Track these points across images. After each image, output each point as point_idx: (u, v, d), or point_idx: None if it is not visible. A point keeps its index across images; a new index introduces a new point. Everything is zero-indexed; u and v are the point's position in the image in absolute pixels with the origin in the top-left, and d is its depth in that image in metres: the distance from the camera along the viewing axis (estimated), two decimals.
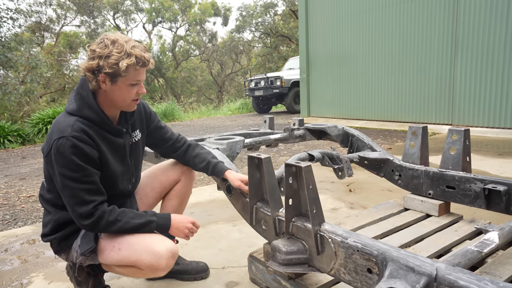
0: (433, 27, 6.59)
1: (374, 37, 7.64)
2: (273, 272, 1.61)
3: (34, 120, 8.73)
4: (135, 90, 1.45)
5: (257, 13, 22.99)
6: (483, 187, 1.79)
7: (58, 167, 1.35)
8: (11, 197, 3.67)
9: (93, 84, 1.41)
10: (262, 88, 10.75)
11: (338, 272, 1.24)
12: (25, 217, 3.03)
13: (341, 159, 2.07)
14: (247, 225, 2.45)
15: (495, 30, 5.77)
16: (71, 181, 1.35)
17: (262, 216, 1.54)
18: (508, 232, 1.46)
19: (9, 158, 6.40)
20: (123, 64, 1.34)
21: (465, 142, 1.97)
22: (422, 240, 1.78)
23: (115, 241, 1.46)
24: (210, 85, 27.42)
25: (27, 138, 8.41)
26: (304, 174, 1.27)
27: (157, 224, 1.47)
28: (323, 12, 8.73)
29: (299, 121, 2.74)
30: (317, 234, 1.29)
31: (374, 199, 2.93)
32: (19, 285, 1.88)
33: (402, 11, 7.04)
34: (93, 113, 1.43)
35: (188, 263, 1.87)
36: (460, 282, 0.95)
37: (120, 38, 1.39)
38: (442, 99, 6.63)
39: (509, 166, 3.74)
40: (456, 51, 6.31)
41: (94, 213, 1.37)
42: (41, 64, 12.73)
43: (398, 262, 1.06)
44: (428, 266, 1.02)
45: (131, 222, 1.42)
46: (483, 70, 5.99)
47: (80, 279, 1.62)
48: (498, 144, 5.02)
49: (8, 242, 2.47)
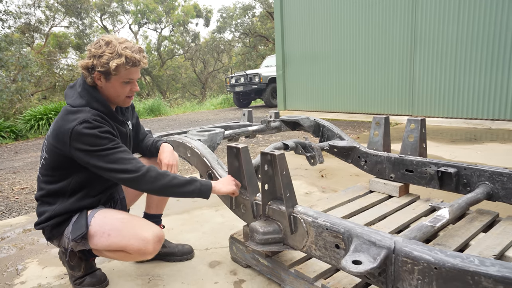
0: (395, 29, 6.69)
1: (343, 37, 7.70)
2: (252, 251, 1.63)
3: (26, 116, 8.44)
4: (128, 88, 1.47)
5: (236, 15, 22.75)
6: (437, 169, 1.85)
7: (88, 147, 1.34)
8: (5, 190, 3.55)
9: (88, 80, 1.44)
10: (242, 84, 10.69)
11: (310, 248, 1.27)
12: (19, 208, 2.94)
13: (313, 147, 2.09)
14: (228, 210, 2.46)
15: (448, 31, 5.91)
16: (106, 151, 1.35)
17: (241, 200, 1.55)
18: (457, 209, 1.52)
19: (2, 153, 6.18)
20: (113, 63, 1.35)
21: (422, 130, 2.03)
22: (384, 218, 1.83)
23: (105, 227, 1.44)
24: (194, 82, 27.09)
25: (20, 134, 8.12)
26: (278, 161, 1.29)
27: (201, 184, 1.45)
28: (297, 14, 8.73)
29: (275, 114, 2.74)
30: (291, 216, 1.31)
31: (343, 183, 2.98)
32: (14, 271, 1.83)
33: (368, 13, 7.11)
34: (102, 106, 1.45)
35: (174, 246, 1.86)
36: (415, 252, 0.98)
37: (114, 40, 1.40)
38: (403, 92, 6.77)
39: (460, 151, 3.87)
40: (415, 50, 6.44)
41: (141, 166, 1.38)
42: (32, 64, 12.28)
43: (362, 237, 1.09)
44: (388, 240, 1.05)
45: (177, 179, 1.41)
46: (439, 66, 6.14)
47: (73, 263, 1.60)
48: (451, 132, 5.18)
49: (3, 231, 2.40)
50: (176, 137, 2.13)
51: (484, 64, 5.60)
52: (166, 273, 1.71)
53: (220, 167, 1.76)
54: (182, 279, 1.65)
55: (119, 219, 1.46)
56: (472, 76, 5.76)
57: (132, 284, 1.63)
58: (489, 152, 3.76)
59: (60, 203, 1.47)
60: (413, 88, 6.58)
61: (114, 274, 1.72)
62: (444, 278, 0.92)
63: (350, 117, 7.54)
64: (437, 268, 0.93)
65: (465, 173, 1.79)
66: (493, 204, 2.17)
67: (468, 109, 5.89)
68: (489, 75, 5.55)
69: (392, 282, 1.04)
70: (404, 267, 1.00)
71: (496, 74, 5.48)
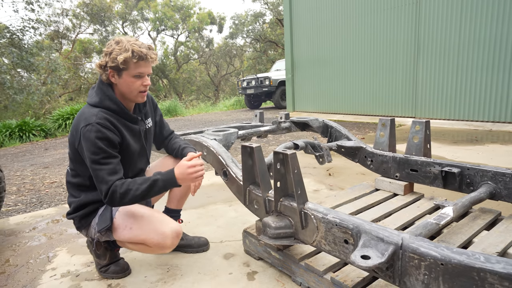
0: (399, 34, 6.59)
1: (349, 42, 7.62)
2: (264, 245, 1.62)
3: (55, 116, 8.59)
4: (139, 82, 1.45)
5: (248, 22, 22.71)
6: (441, 169, 1.81)
7: (86, 151, 1.37)
8: (37, 183, 3.62)
9: (103, 78, 1.45)
10: (253, 87, 10.68)
11: (320, 243, 1.26)
12: (49, 200, 3.00)
13: (321, 147, 2.08)
14: (241, 205, 2.47)
15: (450, 37, 5.80)
16: (94, 163, 1.36)
17: (254, 197, 1.55)
18: (460, 207, 1.49)
19: (34, 149, 6.30)
20: (121, 57, 1.36)
21: (426, 132, 2.00)
22: (390, 215, 1.81)
23: (127, 221, 1.46)
24: (208, 85, 27.18)
25: (49, 132, 8.28)
26: (290, 160, 1.28)
27: (163, 181, 1.39)
28: (305, 20, 8.67)
29: (285, 115, 2.73)
30: (302, 212, 1.30)
31: (350, 181, 2.95)
32: (46, 258, 1.87)
33: (373, 19, 7.03)
34: (113, 104, 1.45)
35: (191, 238, 1.87)
36: (422, 249, 0.97)
37: (124, 39, 1.41)
38: (406, 95, 6.67)
39: (462, 152, 3.80)
40: (418, 55, 6.33)
41: (109, 189, 1.35)
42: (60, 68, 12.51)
43: (370, 233, 1.08)
44: (395, 236, 1.03)
45: (140, 188, 1.36)
46: (441, 70, 6.02)
47: (99, 252, 1.62)
48: (453, 133, 5.09)
49: (35, 221, 2.44)
50: (193, 136, 2.14)
51: (485, 68, 5.47)
52: (184, 263, 1.72)
53: (234, 165, 1.76)
54: (198, 269, 1.65)
55: (141, 213, 1.47)
56: (473, 79, 5.64)
57: (152, 273, 1.65)
58: (490, 153, 3.68)
59: (84, 195, 1.50)
60: (416, 91, 6.48)
61: (136, 263, 1.74)
62: (450, 274, 0.90)
63: (356, 118, 7.47)
64: (444, 264, 0.91)
65: (468, 173, 1.75)
66: (495, 203, 2.12)
67: (469, 112, 5.77)
68: (490, 78, 5.43)
69: (399, 276, 1.03)
70: (411, 263, 0.99)
71: (497, 77, 5.35)
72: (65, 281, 1.62)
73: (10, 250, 2.00)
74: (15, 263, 1.83)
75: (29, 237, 2.17)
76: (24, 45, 10.92)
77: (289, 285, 1.47)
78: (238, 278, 1.55)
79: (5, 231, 2.30)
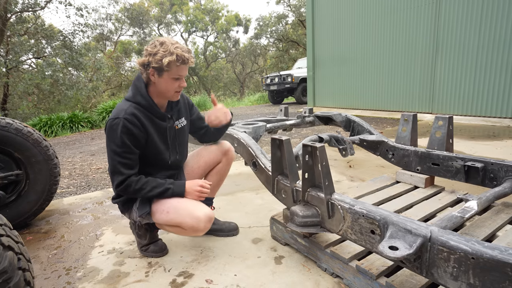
0: (418, 33, 6.28)
1: (369, 41, 7.35)
2: (291, 231, 1.59)
3: (99, 109, 8.88)
4: (177, 84, 1.45)
5: (271, 23, 22.41)
6: (463, 164, 1.70)
7: (108, 141, 1.39)
8: (85, 169, 3.76)
9: (144, 76, 1.44)
10: (276, 84, 10.57)
11: (346, 232, 1.21)
12: (96, 184, 3.10)
13: (345, 141, 2.01)
14: (267, 193, 2.44)
15: (470, 35, 5.46)
16: (115, 154, 1.38)
17: (282, 186, 1.52)
18: (485, 201, 1.39)
19: (82, 139, 6.55)
20: (166, 60, 1.35)
21: (449, 127, 1.88)
22: (411, 207, 1.72)
23: (164, 205, 1.46)
24: (234, 82, 27.21)
25: (95, 123, 8.58)
26: (319, 153, 1.23)
27: (173, 191, 1.46)
28: (326, 21, 8.43)
29: (309, 110, 2.67)
30: (329, 202, 1.26)
31: (370, 173, 2.85)
32: (94, 236, 1.93)
33: (393, 19, 6.72)
34: (144, 99, 1.44)
35: (222, 223, 1.86)
36: (451, 242, 0.90)
37: (167, 41, 1.40)
38: (424, 91, 6.37)
39: (479, 147, 3.58)
40: (437, 53, 6.01)
41: (124, 182, 1.39)
42: (104, 66, 12.91)
43: (398, 225, 1.02)
44: (424, 229, 0.97)
45: (153, 190, 1.43)
46: (458, 68, 5.69)
47: (140, 233, 1.65)
48: (470, 129, 4.81)
49: (85, 203, 2.53)
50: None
51: (504, 65, 5.11)
52: (216, 246, 1.72)
53: (263, 156, 1.73)
54: (229, 252, 1.65)
55: (177, 199, 1.47)
56: (492, 77, 5.29)
57: (187, 253, 1.66)
58: (509, 148, 3.45)
59: None
60: (433, 88, 6.17)
61: (172, 244, 1.76)
62: (482, 268, 0.84)
63: (374, 113, 7.23)
64: (474, 258, 0.85)
65: (492, 168, 1.64)
66: None
67: (487, 108, 5.44)
68: (509, 75, 5.07)
69: (426, 268, 0.97)
70: (440, 255, 0.92)
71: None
72: (111, 257, 1.67)
73: (65, 227, 2.08)
74: (69, 239, 1.90)
75: (80, 217, 2.25)
76: (74, 46, 11.32)
77: (315, 270, 1.44)
78: (266, 262, 1.53)
79: (60, 210, 2.40)
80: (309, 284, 1.34)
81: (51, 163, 2.07)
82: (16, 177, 1.98)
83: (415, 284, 1.13)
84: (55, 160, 2.11)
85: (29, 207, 2.03)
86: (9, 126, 1.91)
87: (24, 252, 0.87)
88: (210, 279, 1.42)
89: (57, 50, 11.16)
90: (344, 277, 1.32)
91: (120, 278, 1.48)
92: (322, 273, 1.41)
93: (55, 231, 2.03)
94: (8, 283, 0.72)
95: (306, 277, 1.39)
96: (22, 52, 10.64)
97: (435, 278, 0.95)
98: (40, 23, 11.81)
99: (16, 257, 0.80)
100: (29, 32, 11.13)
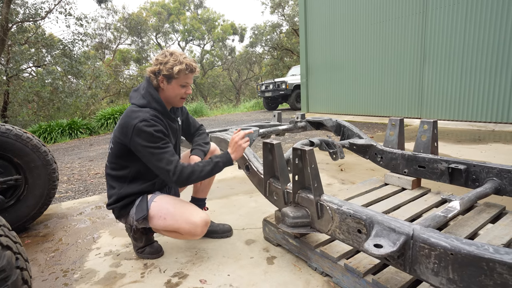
0: (406, 41, 6.39)
1: (360, 49, 7.45)
2: (282, 232, 1.61)
3: (98, 116, 8.85)
4: (183, 90, 1.52)
5: (266, 32, 22.60)
6: (448, 166, 1.74)
7: (144, 142, 1.37)
8: (83, 174, 3.74)
9: (154, 82, 1.49)
10: (270, 90, 10.63)
11: (334, 232, 1.23)
12: (93, 188, 3.09)
13: (335, 144, 2.04)
14: (261, 196, 2.46)
15: (455, 44, 5.56)
16: (155, 149, 1.38)
17: (274, 189, 1.54)
18: (467, 201, 1.43)
19: (80, 145, 6.53)
20: (176, 68, 1.42)
21: (434, 131, 1.92)
22: (399, 207, 1.75)
23: (162, 212, 1.47)
24: (230, 89, 27.31)
25: (93, 130, 8.54)
26: (308, 156, 1.26)
27: (223, 162, 1.48)
28: (318, 30, 8.54)
29: (301, 115, 2.70)
30: (318, 203, 1.28)
31: (360, 176, 2.89)
32: (91, 239, 1.92)
33: (383, 28, 6.84)
34: (160, 106, 1.49)
35: (216, 225, 1.88)
36: (432, 239, 0.93)
37: (176, 52, 1.49)
38: (413, 97, 6.46)
39: (465, 150, 3.64)
40: (424, 60, 6.12)
41: (177, 167, 1.39)
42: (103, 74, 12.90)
43: (383, 224, 1.05)
44: (406, 227, 1.00)
45: (204, 169, 1.44)
46: (446, 74, 5.79)
47: (136, 236, 1.65)
48: (457, 133, 4.89)
49: (83, 207, 2.52)
50: (218, 134, 2.14)
51: (488, 71, 5.22)
52: (210, 247, 1.73)
53: (256, 159, 1.75)
54: (223, 253, 1.66)
55: (173, 205, 1.48)
56: (477, 82, 5.39)
57: (182, 255, 1.66)
58: (493, 151, 3.51)
59: (124, 188, 1.50)
60: (421, 94, 6.26)
61: (168, 246, 1.76)
62: (460, 263, 0.86)
63: (365, 119, 7.30)
64: (453, 254, 0.87)
65: (474, 169, 1.67)
66: (499, 198, 2.02)
67: (473, 112, 5.53)
68: (493, 81, 5.17)
69: (409, 264, 0.99)
70: (422, 252, 0.95)
71: (500, 80, 5.09)
72: (108, 259, 1.67)
73: (63, 230, 2.08)
74: (66, 242, 1.90)
75: (77, 220, 2.24)
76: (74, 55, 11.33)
77: (305, 269, 1.45)
78: (259, 262, 1.54)
79: (58, 214, 2.39)
80: (300, 283, 1.36)
81: (49, 168, 2.07)
82: (15, 181, 1.98)
83: (400, 280, 1.16)
84: (54, 165, 2.11)
85: (28, 211, 2.02)
86: (8, 132, 1.91)
87: (22, 252, 0.88)
88: (204, 279, 1.43)
89: (57, 58, 11.15)
90: (333, 276, 1.34)
91: (117, 279, 1.48)
92: (313, 272, 1.42)
93: (53, 234, 2.02)
94: (6, 282, 0.73)
95: (297, 276, 1.41)
96: (22, 61, 10.61)
97: (418, 274, 0.97)
98: (41, 32, 11.81)
99: (14, 256, 0.81)
100: (30, 41, 11.12)
